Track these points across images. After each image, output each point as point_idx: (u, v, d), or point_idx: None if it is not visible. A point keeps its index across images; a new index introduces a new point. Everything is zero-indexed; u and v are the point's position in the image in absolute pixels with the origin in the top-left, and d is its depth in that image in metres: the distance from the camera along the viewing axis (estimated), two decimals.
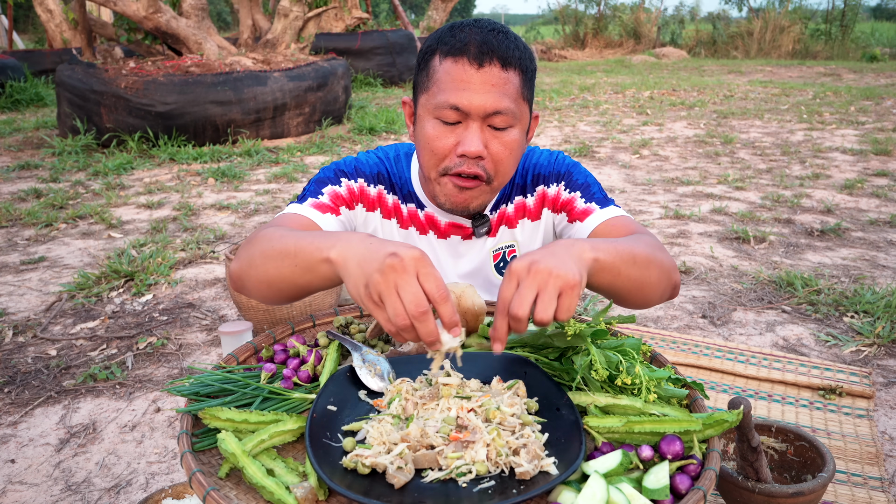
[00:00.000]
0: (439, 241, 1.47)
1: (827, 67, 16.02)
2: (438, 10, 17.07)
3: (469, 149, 1.21)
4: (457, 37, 1.22)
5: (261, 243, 1.13)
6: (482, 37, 1.21)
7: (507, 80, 1.21)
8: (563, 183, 1.46)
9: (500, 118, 1.22)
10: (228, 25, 30.07)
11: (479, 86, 1.19)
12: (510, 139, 1.25)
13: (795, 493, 0.97)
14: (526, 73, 1.25)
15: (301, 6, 9.18)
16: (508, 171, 1.29)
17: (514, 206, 1.48)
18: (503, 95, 1.21)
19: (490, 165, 1.25)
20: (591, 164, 6.77)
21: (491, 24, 1.25)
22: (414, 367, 1.05)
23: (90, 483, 2.19)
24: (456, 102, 1.20)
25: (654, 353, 1.07)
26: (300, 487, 0.82)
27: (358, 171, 1.43)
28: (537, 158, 1.50)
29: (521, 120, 1.26)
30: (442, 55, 1.23)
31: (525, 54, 1.24)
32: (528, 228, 1.49)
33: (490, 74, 1.20)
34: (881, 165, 6.46)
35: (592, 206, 1.42)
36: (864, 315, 3.29)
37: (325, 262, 0.99)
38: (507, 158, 1.26)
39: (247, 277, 1.13)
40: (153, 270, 3.88)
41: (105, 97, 7.01)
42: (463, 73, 1.20)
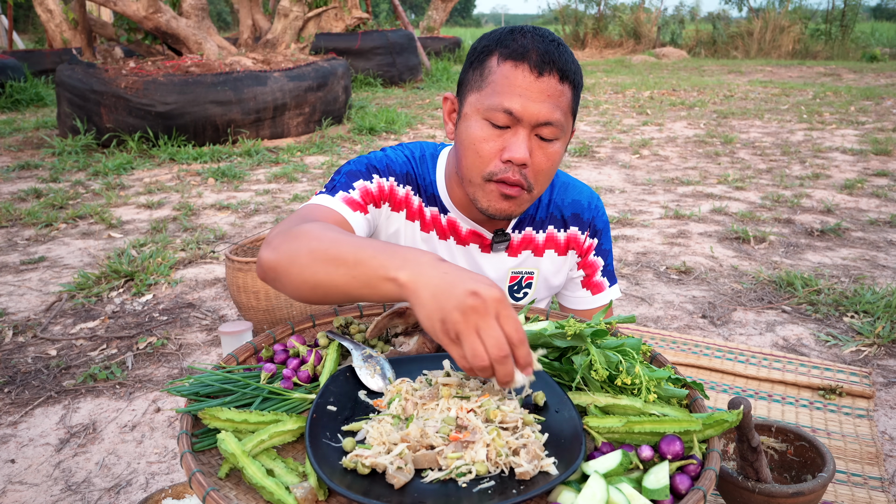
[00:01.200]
0: (458, 248, 1.44)
1: (827, 67, 16.02)
2: (438, 10, 17.07)
3: (516, 155, 1.21)
4: (518, 41, 1.21)
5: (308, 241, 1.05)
6: (544, 46, 1.21)
7: (563, 93, 1.22)
8: (596, 242, 1.50)
9: (549, 129, 1.22)
10: (228, 25, 30.07)
11: (537, 94, 1.20)
12: (554, 151, 1.25)
13: (795, 493, 0.97)
14: (577, 89, 1.26)
15: (301, 6, 9.18)
16: (546, 182, 1.30)
17: (545, 236, 1.47)
18: (556, 107, 1.21)
19: (531, 175, 1.25)
20: (591, 164, 6.77)
21: (551, 35, 1.25)
22: (414, 367, 1.05)
23: (90, 483, 2.19)
24: (510, 107, 1.20)
25: (654, 353, 1.07)
26: (300, 487, 0.82)
27: (389, 168, 1.39)
28: (577, 195, 1.49)
29: (566, 134, 1.27)
30: (501, 57, 1.22)
31: (579, 71, 1.26)
32: (554, 262, 1.49)
33: (548, 84, 1.20)
34: (881, 165, 6.46)
35: (605, 283, 1.52)
36: (864, 315, 3.29)
37: (391, 281, 0.92)
38: (549, 170, 1.27)
39: (286, 274, 1.05)
40: (153, 270, 3.88)
41: (105, 97, 7.01)
42: (522, 78, 1.20)
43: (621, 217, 4.95)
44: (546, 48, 1.21)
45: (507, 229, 1.44)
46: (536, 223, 1.47)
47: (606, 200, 5.46)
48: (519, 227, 1.45)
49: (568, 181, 1.51)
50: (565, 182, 1.50)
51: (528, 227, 1.46)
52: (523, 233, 1.46)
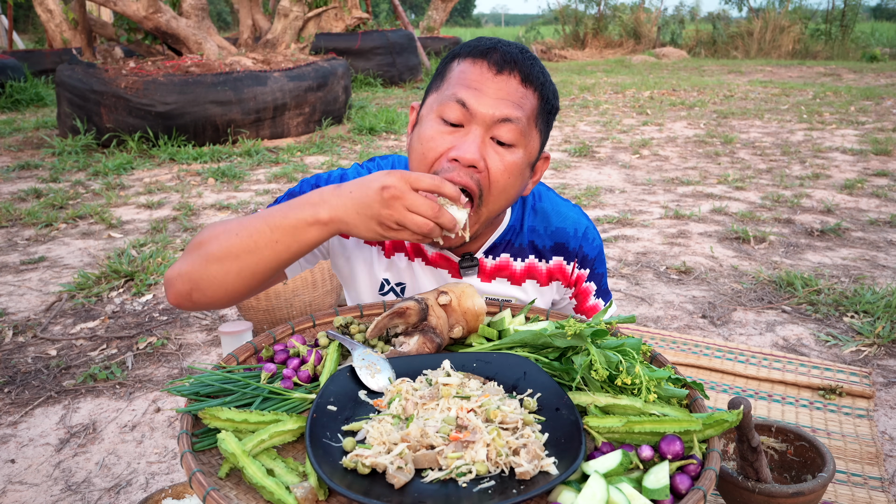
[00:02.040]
0: (427, 269, 1.36)
1: (827, 67, 16.03)
2: (438, 10, 17.07)
3: (463, 154, 1.09)
4: (483, 43, 1.15)
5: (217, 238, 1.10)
6: (508, 49, 1.14)
7: (525, 96, 1.13)
8: (588, 270, 1.40)
9: (507, 128, 1.11)
10: (228, 25, 30.07)
11: (493, 90, 1.11)
12: (511, 160, 1.13)
13: (795, 493, 0.97)
14: (546, 102, 1.17)
15: (301, 6, 9.18)
16: (501, 196, 1.16)
17: (524, 265, 1.37)
18: (516, 107, 1.11)
19: (484, 180, 1.12)
20: (591, 164, 6.77)
21: (521, 47, 1.17)
22: (414, 367, 1.05)
23: (90, 483, 2.19)
24: (464, 98, 1.10)
25: (654, 353, 1.07)
26: (300, 487, 0.82)
27: None
28: (562, 223, 1.37)
29: (529, 146, 1.15)
30: (461, 57, 1.16)
31: (549, 86, 1.17)
32: (534, 291, 1.40)
33: (507, 83, 1.11)
34: (881, 165, 6.46)
35: (600, 304, 1.44)
36: (864, 315, 3.29)
37: (314, 225, 1.03)
38: (504, 180, 1.13)
39: (205, 279, 1.09)
40: (153, 270, 3.88)
41: (105, 97, 7.01)
42: (479, 74, 1.12)
43: (621, 217, 4.95)
44: (510, 51, 1.14)
45: (475, 254, 1.34)
46: (515, 250, 1.36)
47: (606, 200, 5.46)
48: (493, 253, 1.35)
49: (551, 207, 1.39)
50: (547, 208, 1.39)
51: (505, 254, 1.36)
52: (498, 259, 1.35)
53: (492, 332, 1.16)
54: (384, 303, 1.28)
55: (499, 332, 1.16)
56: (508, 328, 1.15)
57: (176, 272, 1.14)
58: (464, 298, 1.14)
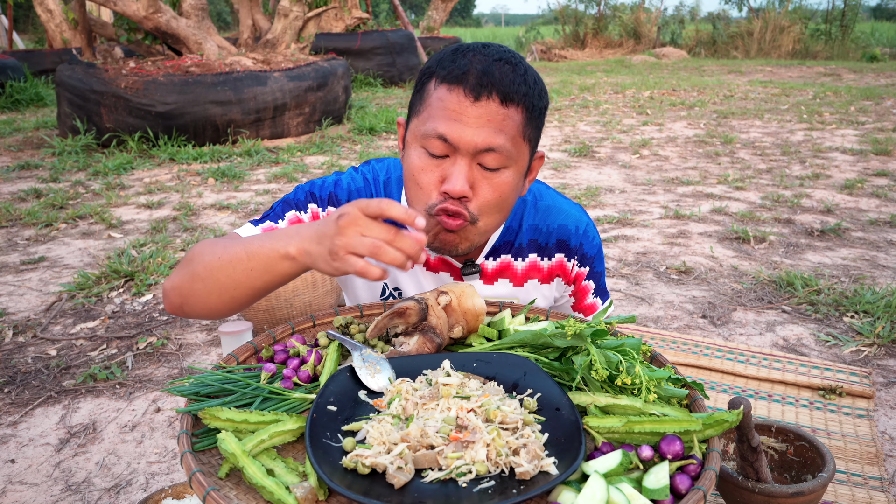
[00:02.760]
0: (428, 274, 1.37)
1: (827, 67, 16.03)
2: (438, 10, 17.07)
3: (452, 187, 1.10)
4: (457, 62, 1.10)
5: (201, 257, 1.13)
6: (485, 66, 1.09)
7: (507, 117, 1.09)
8: (588, 269, 1.40)
9: (491, 157, 1.10)
10: (228, 25, 30.07)
11: (473, 119, 1.08)
12: (501, 181, 1.13)
13: (795, 493, 0.97)
14: (532, 110, 1.13)
15: (301, 6, 9.18)
16: (497, 213, 1.17)
17: (525, 265, 1.37)
18: (499, 132, 1.09)
19: (475, 207, 1.13)
20: (591, 164, 6.77)
21: (500, 53, 1.12)
22: (414, 367, 1.05)
23: (90, 483, 2.19)
24: (444, 133, 1.09)
25: (654, 353, 1.07)
26: (300, 487, 0.82)
27: (333, 197, 1.32)
28: (564, 220, 1.37)
29: (519, 162, 1.14)
30: (438, 80, 1.11)
31: (533, 90, 1.12)
32: (536, 290, 1.40)
33: (487, 109, 1.08)
34: (881, 165, 6.46)
35: (598, 302, 1.45)
36: (864, 315, 3.29)
37: (285, 258, 1.03)
38: (497, 202, 1.14)
39: (191, 293, 1.14)
40: (153, 270, 3.88)
41: (105, 97, 7.01)
42: (457, 103, 1.08)
43: (621, 217, 4.95)
44: (486, 69, 1.08)
45: (476, 259, 1.34)
46: (515, 250, 1.37)
47: (606, 200, 5.46)
48: (494, 255, 1.36)
49: (552, 204, 1.39)
50: (549, 205, 1.38)
51: (506, 255, 1.36)
52: (499, 260, 1.36)
53: (492, 332, 1.16)
54: (384, 303, 1.28)
55: (499, 332, 1.16)
56: (508, 328, 1.15)
57: (170, 284, 1.18)
58: (464, 298, 1.14)
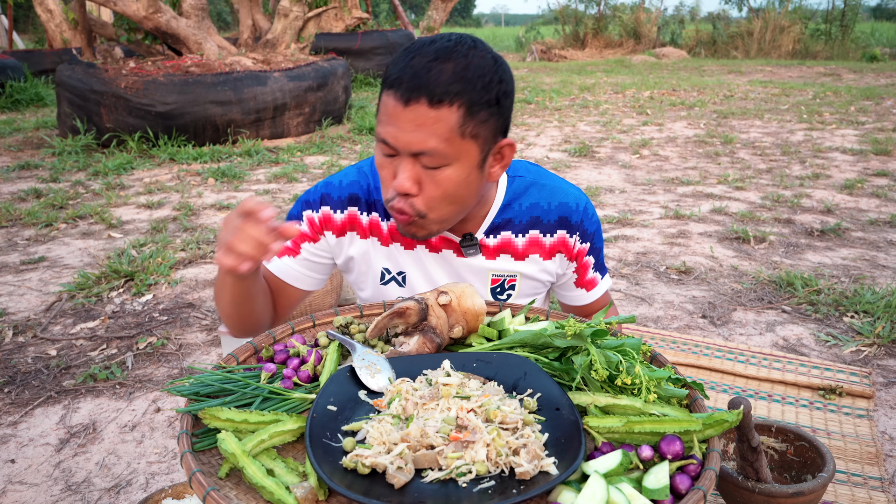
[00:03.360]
0: (430, 255, 1.40)
1: (827, 67, 16.03)
2: (438, 10, 17.06)
3: (398, 185, 1.17)
4: (398, 65, 1.14)
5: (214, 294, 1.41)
6: (418, 69, 1.11)
7: (438, 119, 1.12)
8: (588, 244, 1.45)
9: (427, 158, 1.15)
10: (228, 25, 30.06)
11: (406, 123, 1.12)
12: (443, 178, 1.17)
13: (795, 493, 0.97)
14: (473, 106, 1.13)
15: (301, 6, 9.18)
16: (448, 205, 1.21)
17: (526, 240, 1.41)
18: (430, 136, 1.12)
19: (422, 203, 1.19)
20: (591, 164, 6.77)
21: (439, 51, 1.13)
22: (414, 367, 1.05)
23: (90, 483, 2.19)
24: (384, 137, 1.16)
25: (654, 353, 1.07)
26: (300, 487, 0.82)
27: (325, 198, 1.40)
28: (564, 198, 1.42)
29: (462, 158, 1.17)
30: (383, 85, 1.17)
31: (474, 84, 1.13)
32: (538, 265, 1.43)
33: (416, 113, 1.11)
34: (881, 165, 6.46)
35: (597, 277, 1.50)
36: (864, 315, 3.29)
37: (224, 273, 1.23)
38: (443, 196, 1.19)
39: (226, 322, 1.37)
40: (153, 270, 3.88)
41: (105, 97, 7.01)
42: (392, 107, 1.13)
43: (621, 217, 4.95)
44: (417, 71, 1.11)
45: (476, 233, 1.39)
46: (516, 227, 1.41)
47: (606, 200, 5.46)
48: (494, 232, 1.40)
49: (553, 184, 1.44)
50: (550, 185, 1.43)
51: (506, 232, 1.40)
52: (500, 237, 1.40)
53: (492, 332, 1.16)
54: (384, 303, 1.28)
55: (499, 332, 1.16)
56: (508, 328, 1.15)
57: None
58: (464, 298, 1.14)
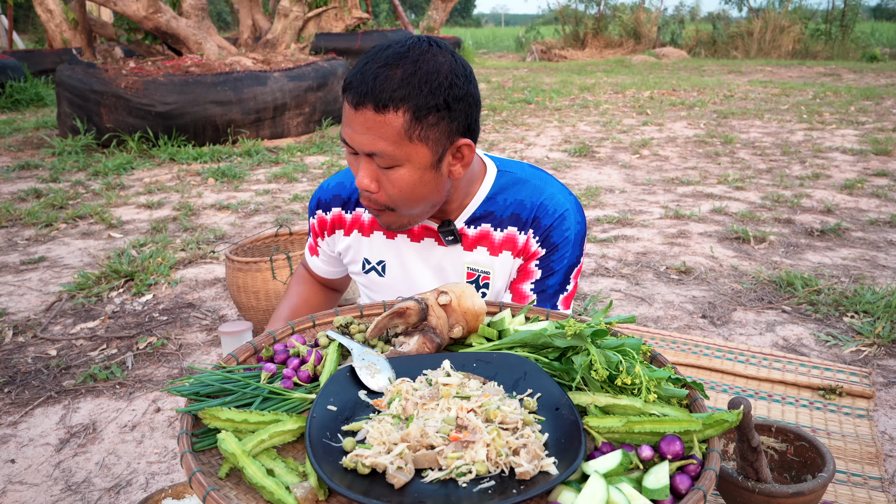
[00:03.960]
0: (412, 245, 1.44)
1: (827, 67, 16.02)
2: (438, 10, 17.07)
3: (357, 182, 1.26)
4: (353, 70, 1.22)
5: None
6: (367, 75, 1.17)
7: (384, 123, 1.18)
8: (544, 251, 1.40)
9: (378, 159, 1.22)
10: (228, 25, 30.06)
11: (357, 126, 1.20)
12: (397, 177, 1.23)
13: (795, 493, 0.97)
14: (419, 110, 1.17)
15: (301, 6, 9.18)
16: (410, 202, 1.27)
17: (503, 235, 1.41)
18: (378, 138, 1.19)
19: (384, 198, 1.27)
20: (591, 164, 6.77)
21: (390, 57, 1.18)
22: (414, 367, 1.05)
23: (90, 483, 2.19)
24: (344, 137, 1.24)
25: (654, 353, 1.07)
26: (300, 487, 0.82)
27: (319, 202, 1.53)
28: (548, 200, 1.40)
29: (412, 160, 1.22)
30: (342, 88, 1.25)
31: (419, 90, 1.17)
32: (507, 262, 1.42)
33: (364, 117, 1.19)
34: (881, 165, 6.46)
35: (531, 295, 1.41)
36: (864, 315, 3.29)
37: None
38: (401, 194, 1.25)
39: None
40: (153, 270, 3.88)
41: (105, 97, 7.01)
42: (347, 111, 1.22)
43: (621, 217, 4.95)
44: (365, 78, 1.17)
45: (455, 221, 1.41)
46: (496, 221, 1.41)
47: (606, 200, 5.46)
48: (475, 223, 1.41)
49: (543, 186, 1.42)
50: (539, 185, 1.42)
51: (486, 224, 1.41)
52: (479, 228, 1.41)
53: (492, 332, 1.16)
54: (384, 303, 1.28)
55: (499, 332, 1.16)
56: (508, 328, 1.15)
57: None
58: (464, 298, 1.14)
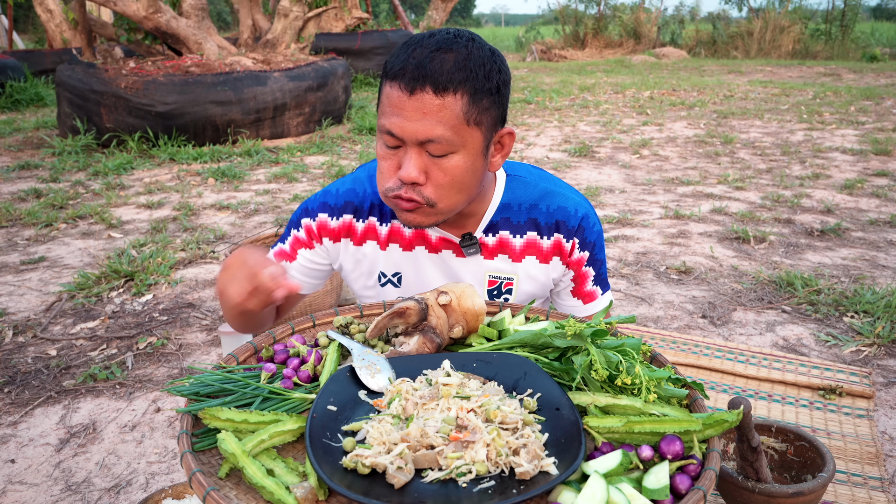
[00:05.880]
0: (430, 256, 1.42)
1: (827, 67, 16.02)
2: (438, 10, 17.05)
3: (404, 174, 1.19)
4: (399, 57, 1.17)
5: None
6: (421, 59, 1.15)
7: (443, 107, 1.15)
8: (588, 254, 1.42)
9: (434, 146, 1.17)
10: (228, 25, 30.05)
11: (412, 113, 1.15)
12: (451, 165, 1.20)
13: (795, 493, 0.97)
14: (476, 93, 1.17)
15: (301, 6, 9.18)
16: (455, 193, 1.24)
17: (523, 241, 1.41)
18: (437, 123, 1.15)
19: (430, 192, 1.21)
20: (591, 164, 6.77)
21: (440, 42, 1.17)
22: (414, 367, 1.05)
23: (90, 483, 2.19)
24: (390, 127, 1.18)
25: (654, 353, 1.07)
26: (300, 487, 0.82)
27: (323, 206, 1.44)
28: (563, 202, 1.41)
29: (468, 145, 1.20)
30: (385, 77, 1.20)
31: (476, 73, 1.16)
32: (535, 268, 1.42)
33: (422, 102, 1.14)
34: (881, 165, 6.46)
35: (597, 291, 1.46)
36: (864, 315, 3.29)
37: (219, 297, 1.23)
38: (451, 184, 1.22)
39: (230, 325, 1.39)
40: (153, 270, 3.88)
41: (105, 97, 7.01)
42: (397, 98, 1.16)
43: (621, 217, 4.95)
44: (421, 61, 1.14)
45: (474, 232, 1.39)
46: (514, 227, 1.41)
47: (606, 200, 5.46)
48: (493, 231, 1.40)
49: (555, 188, 1.43)
50: (552, 189, 1.43)
51: (504, 231, 1.41)
52: (498, 236, 1.41)
53: (492, 332, 1.16)
54: (384, 303, 1.28)
55: (499, 332, 1.16)
56: (508, 328, 1.15)
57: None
58: (464, 298, 1.14)
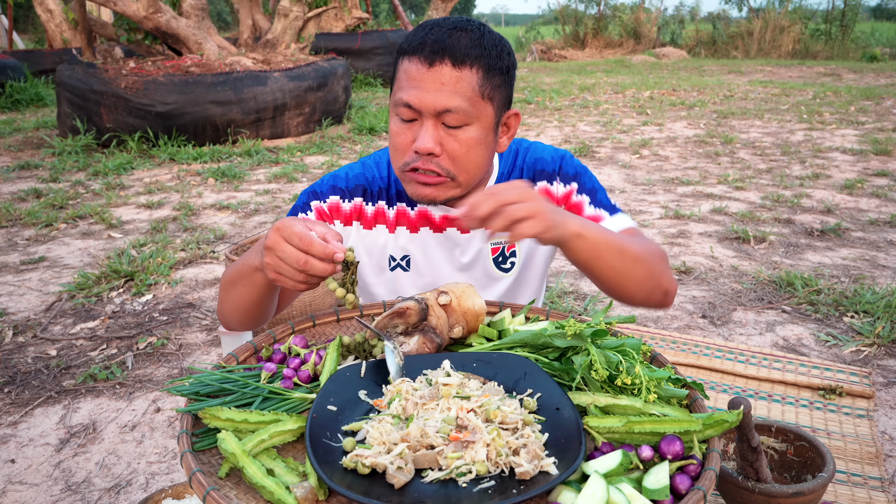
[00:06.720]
0: (435, 236, 1.46)
1: (827, 67, 16.02)
2: (438, 10, 17.05)
3: (420, 145, 1.23)
4: (418, 35, 1.24)
5: (223, 280, 1.33)
6: (439, 35, 1.22)
7: (461, 79, 1.21)
8: (575, 185, 1.45)
9: (451, 116, 1.22)
10: (228, 25, 30.06)
11: (430, 84, 1.21)
12: (466, 137, 1.25)
13: (795, 493, 0.97)
14: (489, 70, 1.24)
15: (301, 6, 9.18)
16: (472, 168, 1.29)
17: None
18: (454, 94, 1.21)
19: (447, 163, 1.26)
20: (591, 164, 6.77)
21: (456, 23, 1.25)
22: (414, 367, 1.05)
23: (90, 483, 2.19)
24: (408, 100, 1.23)
25: (654, 353, 1.07)
26: (300, 487, 0.82)
27: (334, 188, 1.47)
28: (540, 153, 1.48)
29: (481, 118, 1.26)
30: (402, 55, 1.26)
31: (489, 51, 1.24)
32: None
33: (440, 73, 1.21)
34: (881, 165, 6.45)
35: (601, 213, 1.44)
36: (864, 315, 3.29)
37: (258, 270, 1.16)
38: (466, 156, 1.26)
39: (223, 312, 1.33)
40: (153, 270, 3.88)
41: (105, 97, 7.01)
42: (416, 71, 1.22)
43: None
44: (439, 37, 1.21)
45: None
46: None
47: None
48: None
49: (532, 145, 1.50)
50: (529, 146, 1.50)
51: None
52: None
53: (492, 332, 1.16)
54: (384, 303, 1.28)
55: (499, 332, 1.16)
56: (508, 328, 1.15)
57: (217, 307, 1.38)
58: (464, 298, 1.14)
